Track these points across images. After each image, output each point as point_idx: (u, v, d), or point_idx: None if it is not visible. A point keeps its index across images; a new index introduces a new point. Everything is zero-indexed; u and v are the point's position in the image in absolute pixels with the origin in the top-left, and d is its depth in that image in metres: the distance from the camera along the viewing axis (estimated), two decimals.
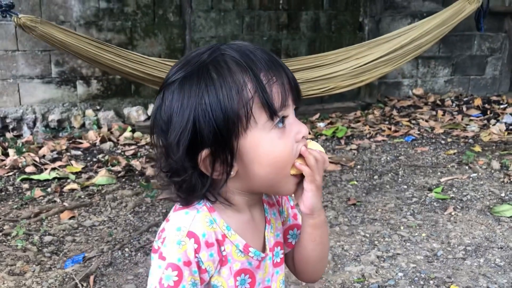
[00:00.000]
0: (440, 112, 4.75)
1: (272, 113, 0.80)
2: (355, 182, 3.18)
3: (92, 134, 4.12)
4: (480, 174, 3.25)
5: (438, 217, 2.68)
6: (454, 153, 3.69)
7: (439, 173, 3.32)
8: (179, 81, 0.81)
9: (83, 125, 4.33)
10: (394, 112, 4.81)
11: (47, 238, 2.40)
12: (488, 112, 4.74)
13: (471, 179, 3.19)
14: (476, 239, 2.42)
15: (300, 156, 0.85)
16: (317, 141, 0.93)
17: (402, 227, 2.57)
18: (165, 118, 0.82)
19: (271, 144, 0.81)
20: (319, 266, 1.00)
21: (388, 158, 3.63)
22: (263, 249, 0.93)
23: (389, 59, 2.63)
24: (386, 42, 2.65)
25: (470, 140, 3.99)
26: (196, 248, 0.81)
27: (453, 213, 2.71)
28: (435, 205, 2.83)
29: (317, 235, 0.94)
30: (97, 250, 2.30)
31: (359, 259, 2.25)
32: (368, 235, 2.48)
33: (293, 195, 0.91)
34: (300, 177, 0.86)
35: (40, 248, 2.32)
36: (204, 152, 0.80)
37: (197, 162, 0.81)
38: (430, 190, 3.04)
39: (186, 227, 0.83)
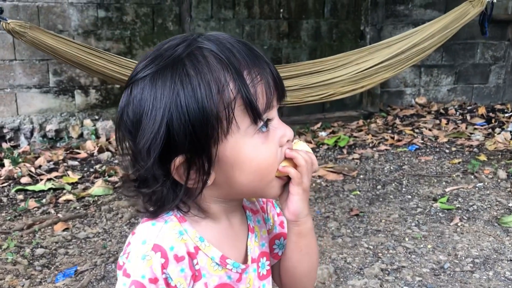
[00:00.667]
0: (443, 121, 4.68)
1: (256, 116, 0.72)
2: (358, 192, 3.10)
3: (90, 144, 4.05)
4: (486, 183, 3.17)
5: (444, 228, 2.59)
6: (459, 162, 3.60)
7: (444, 183, 3.23)
8: (150, 76, 0.71)
9: (81, 135, 4.26)
10: (397, 121, 4.73)
11: (39, 251, 2.32)
12: (493, 121, 4.66)
13: (477, 188, 3.11)
14: (484, 251, 2.33)
15: (285, 158, 0.78)
16: (313, 148, 0.85)
17: (407, 239, 2.48)
18: (134, 119, 0.72)
19: (254, 150, 0.74)
20: (307, 280, 0.92)
21: (391, 168, 3.54)
22: (245, 260, 0.84)
23: (390, 64, 2.56)
24: (387, 47, 2.58)
25: (475, 149, 3.91)
26: (164, 263, 0.73)
27: (459, 224, 2.63)
28: (440, 216, 2.74)
29: (303, 244, 0.86)
30: (90, 263, 2.21)
31: (363, 272, 2.16)
32: (371, 247, 2.39)
33: (278, 199, 0.84)
34: (286, 179, 0.79)
35: (31, 262, 2.24)
36: (178, 160, 0.72)
37: (169, 170, 0.72)
38: (435, 200, 2.95)
39: (151, 239, 0.74)
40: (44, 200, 2.96)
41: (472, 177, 3.30)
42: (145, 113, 0.71)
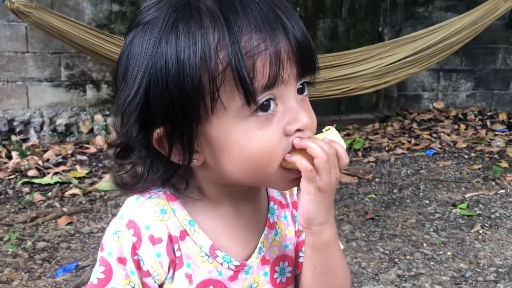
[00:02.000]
0: (462, 126, 4.53)
1: (248, 96, 0.57)
2: (373, 196, 2.98)
3: (99, 140, 3.98)
4: (508, 190, 3.03)
5: (465, 234, 2.46)
6: (479, 168, 3.46)
7: (463, 189, 3.09)
8: (143, 25, 0.60)
9: (91, 130, 4.20)
10: (414, 125, 4.60)
11: (41, 244, 2.24)
12: None
13: (498, 195, 2.97)
14: (508, 260, 2.19)
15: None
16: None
17: (425, 244, 2.35)
18: (121, 70, 0.62)
19: (245, 136, 0.59)
20: None
21: (408, 172, 3.41)
22: (249, 258, 0.70)
23: (415, 59, 2.43)
24: (412, 42, 2.46)
25: (496, 156, 3.76)
26: (135, 242, 0.62)
27: (481, 231, 2.49)
28: (460, 222, 2.61)
29: (317, 261, 0.67)
30: (92, 259, 2.12)
31: (378, 278, 2.04)
32: (387, 252, 2.27)
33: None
34: (299, 173, 0.63)
35: (31, 255, 2.15)
36: (158, 131, 0.60)
37: (151, 140, 0.61)
38: (454, 206, 2.82)
39: (128, 215, 0.64)
40: (49, 194, 2.89)
41: (494, 183, 3.16)
42: (130, 68, 0.60)
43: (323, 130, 0.67)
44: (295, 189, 0.70)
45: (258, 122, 0.59)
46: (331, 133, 0.66)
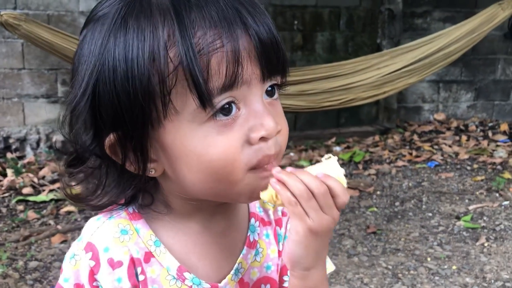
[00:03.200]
0: (464, 137, 4.48)
1: (202, 98, 0.51)
2: (375, 209, 2.91)
3: None
4: None
5: (469, 248, 2.39)
6: (482, 180, 3.40)
7: (466, 200, 3.03)
8: (95, 20, 0.56)
9: None
10: (415, 137, 4.55)
11: (33, 264, 2.18)
12: None
13: (503, 207, 2.90)
14: None
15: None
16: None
17: (429, 259, 2.28)
18: (72, 67, 0.58)
19: (203, 143, 0.53)
20: None
21: (410, 184, 3.35)
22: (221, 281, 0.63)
23: (414, 69, 2.40)
24: (410, 51, 2.43)
25: (498, 167, 3.70)
26: (93, 267, 0.57)
27: (486, 244, 2.42)
28: (464, 235, 2.54)
29: None
30: None
31: None
32: (390, 267, 2.20)
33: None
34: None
35: (22, 275, 2.09)
36: (109, 139, 0.55)
37: (103, 146, 0.56)
38: (458, 218, 2.76)
39: (87, 237, 0.59)
40: (44, 211, 2.83)
41: (497, 195, 3.10)
42: (80, 68, 0.56)
43: (323, 158, 0.59)
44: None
45: (218, 127, 0.54)
46: (330, 164, 0.58)
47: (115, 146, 0.56)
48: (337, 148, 4.20)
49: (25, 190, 3.17)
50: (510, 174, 3.49)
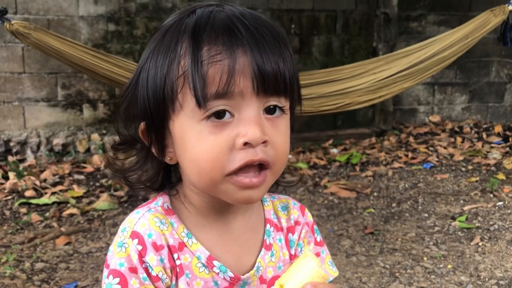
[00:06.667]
0: (459, 139, 4.55)
1: (198, 99, 0.63)
2: (372, 210, 2.98)
3: (96, 159, 3.98)
4: (506, 202, 3.03)
5: (464, 247, 2.45)
6: (477, 181, 3.47)
7: (461, 201, 3.10)
8: (151, 39, 0.72)
9: (88, 150, 4.20)
10: (411, 139, 4.62)
11: (39, 265, 2.22)
12: (510, 139, 4.53)
13: (497, 207, 2.97)
14: (509, 272, 2.19)
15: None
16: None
17: (425, 258, 2.34)
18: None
19: (197, 137, 0.64)
20: None
21: (406, 185, 3.42)
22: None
23: (409, 73, 2.46)
24: (405, 57, 2.49)
25: (493, 168, 3.77)
26: (141, 250, 0.66)
27: (480, 244, 2.49)
28: (459, 235, 2.61)
29: None
30: (91, 279, 2.11)
31: None
32: (388, 266, 2.26)
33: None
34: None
35: (30, 276, 2.13)
36: (141, 125, 0.71)
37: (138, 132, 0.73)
38: (453, 218, 2.82)
39: (130, 227, 0.68)
40: (47, 214, 2.87)
41: (492, 195, 3.17)
42: (138, 70, 0.73)
43: (300, 254, 0.69)
44: (292, 212, 0.78)
45: (211, 127, 0.64)
46: (306, 263, 0.64)
47: (144, 132, 0.71)
48: (334, 150, 4.27)
49: (27, 193, 3.21)
50: (504, 175, 3.56)
